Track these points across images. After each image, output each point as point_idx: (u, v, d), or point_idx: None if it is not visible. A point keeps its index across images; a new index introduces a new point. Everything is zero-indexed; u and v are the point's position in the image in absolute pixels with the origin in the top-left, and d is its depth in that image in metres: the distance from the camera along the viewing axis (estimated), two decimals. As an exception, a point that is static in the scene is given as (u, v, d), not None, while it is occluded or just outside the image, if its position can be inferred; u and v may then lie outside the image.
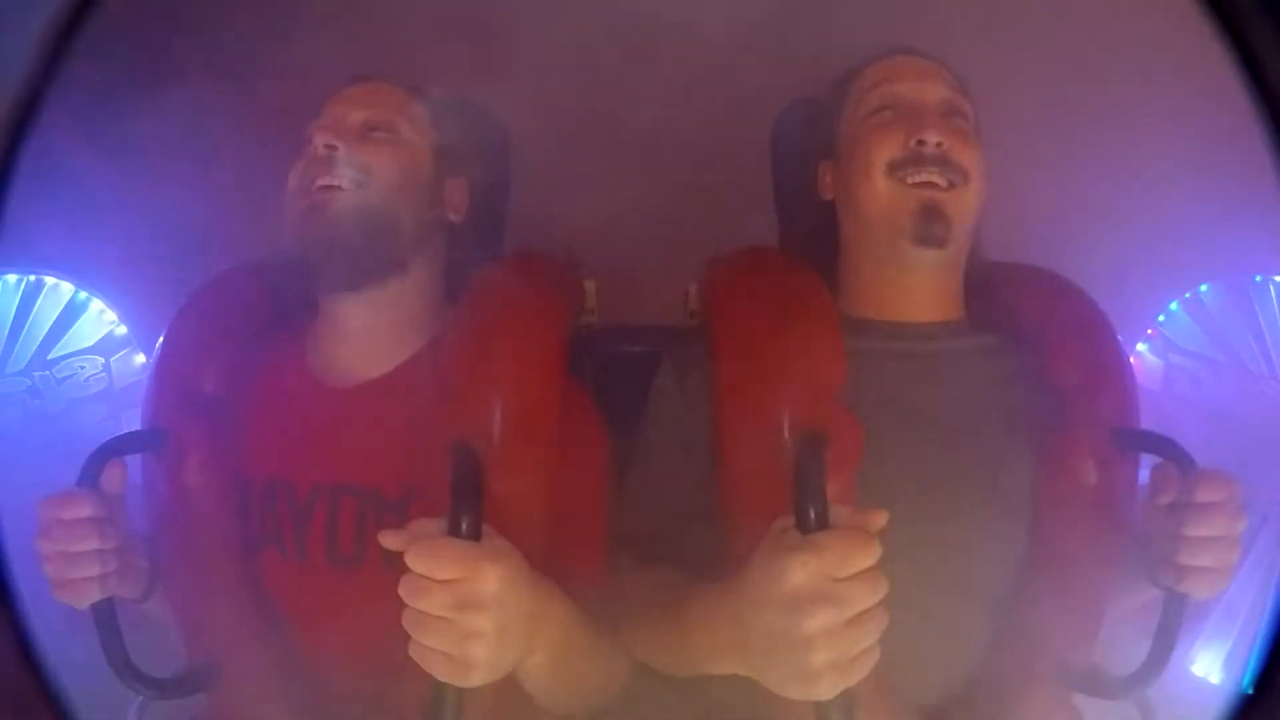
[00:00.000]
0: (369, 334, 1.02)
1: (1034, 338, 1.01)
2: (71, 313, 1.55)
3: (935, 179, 0.96)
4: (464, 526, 0.74)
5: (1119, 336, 1.02)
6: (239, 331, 1.04)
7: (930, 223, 0.96)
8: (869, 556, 0.69)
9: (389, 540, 0.76)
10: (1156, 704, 0.99)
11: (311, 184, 0.98)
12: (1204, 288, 1.56)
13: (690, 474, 0.96)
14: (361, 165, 0.98)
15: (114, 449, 0.92)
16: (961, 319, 1.05)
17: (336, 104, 1.02)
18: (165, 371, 1.02)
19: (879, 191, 0.98)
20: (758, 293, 0.99)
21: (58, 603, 0.87)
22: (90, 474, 0.88)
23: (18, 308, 1.53)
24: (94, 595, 0.87)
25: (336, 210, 0.96)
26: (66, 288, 1.55)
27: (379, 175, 0.98)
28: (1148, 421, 0.99)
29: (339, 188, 0.97)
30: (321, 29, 1.28)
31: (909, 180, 0.97)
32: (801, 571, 0.68)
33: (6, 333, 1.52)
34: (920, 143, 0.97)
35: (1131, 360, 1.14)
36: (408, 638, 0.73)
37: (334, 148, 0.97)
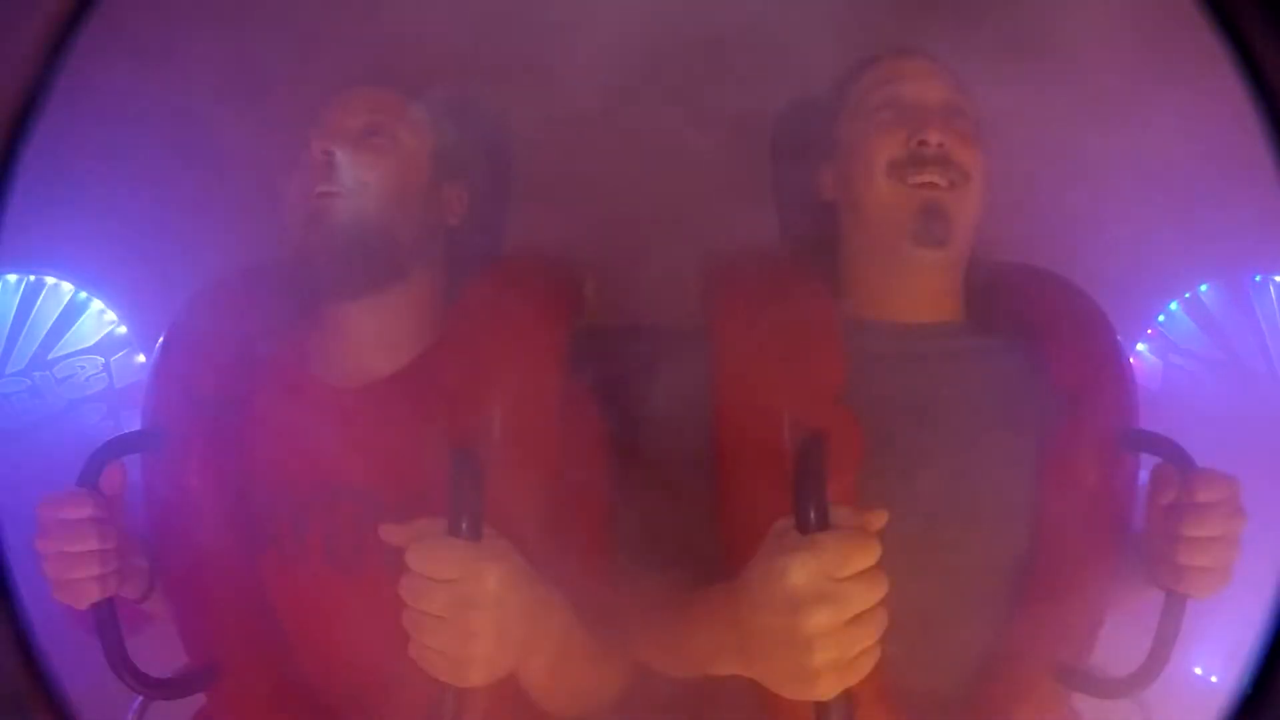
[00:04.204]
0: (370, 337, 1.02)
1: (1034, 338, 1.01)
2: (71, 313, 1.55)
3: (936, 179, 0.96)
4: (464, 527, 0.74)
5: (1119, 336, 1.02)
6: (239, 332, 1.04)
7: (931, 223, 0.96)
8: (869, 556, 0.69)
9: (390, 534, 0.76)
10: (1156, 704, 0.99)
11: (310, 191, 0.98)
12: (1204, 288, 1.56)
13: (691, 474, 0.96)
14: (360, 171, 0.98)
15: (114, 449, 0.92)
16: (962, 319, 1.05)
17: (335, 109, 1.02)
18: (165, 371, 1.02)
19: (880, 191, 0.98)
20: (758, 293, 0.99)
21: (58, 603, 0.87)
22: (90, 474, 0.88)
23: (18, 308, 1.53)
24: (94, 595, 0.87)
25: (336, 217, 0.97)
26: (66, 288, 1.55)
27: (377, 181, 0.98)
28: (1148, 421, 0.99)
29: (338, 195, 0.97)
30: (321, 30, 1.28)
31: (910, 180, 0.97)
32: (802, 571, 0.68)
33: (6, 333, 1.52)
34: (922, 143, 0.97)
35: (1131, 360, 1.14)
36: (407, 638, 0.73)
37: (332, 154, 0.97)
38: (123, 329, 1.56)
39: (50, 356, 1.54)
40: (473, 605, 0.72)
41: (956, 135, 0.98)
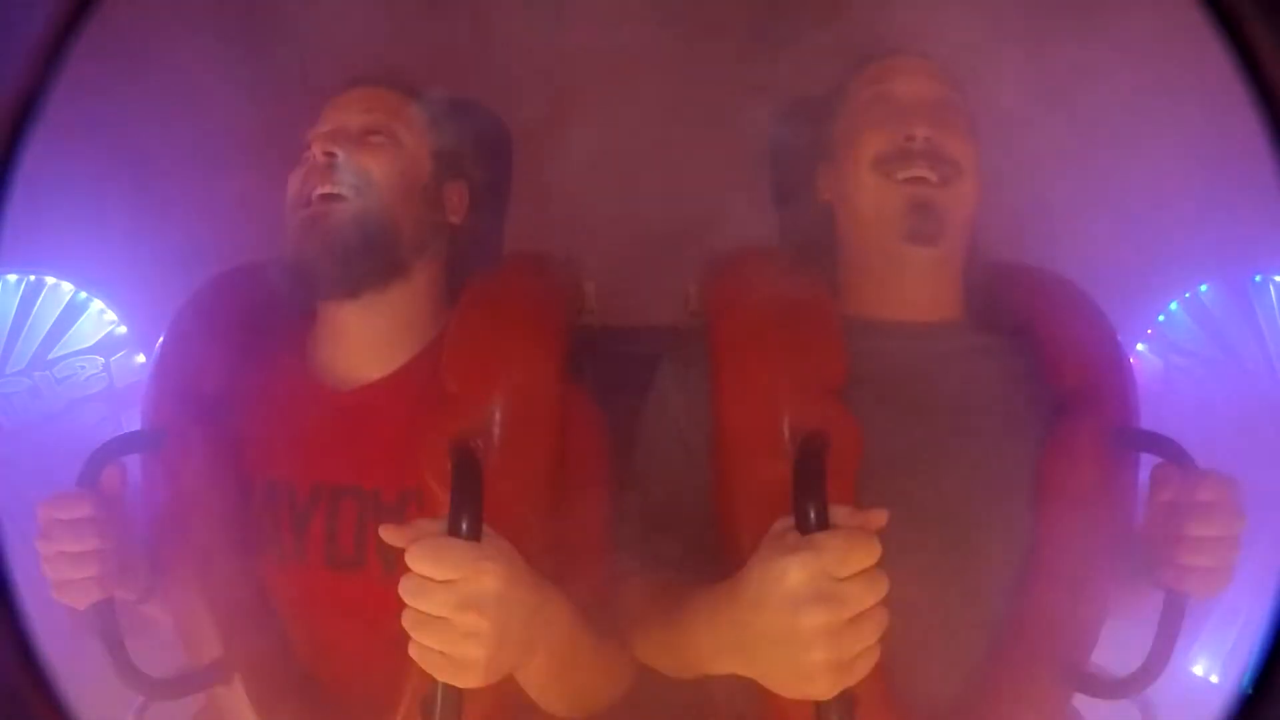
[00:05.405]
0: (369, 337, 1.02)
1: (1034, 338, 1.01)
2: (71, 313, 1.55)
3: (925, 173, 0.96)
4: (464, 527, 0.74)
5: (1119, 336, 1.02)
6: (239, 332, 1.04)
7: (920, 219, 0.95)
8: (869, 556, 0.69)
9: (390, 534, 0.76)
10: (1156, 704, 0.99)
11: (311, 192, 0.98)
12: (1204, 288, 1.56)
13: (690, 474, 0.96)
14: (361, 172, 0.98)
15: (114, 449, 0.92)
16: (961, 319, 1.05)
17: (335, 109, 1.02)
18: (165, 371, 1.02)
19: (867, 187, 0.98)
20: (758, 293, 0.99)
21: (58, 603, 0.87)
22: (90, 474, 0.88)
23: (18, 308, 1.53)
24: (94, 595, 0.87)
25: (337, 219, 0.97)
26: (66, 288, 1.55)
27: (378, 181, 0.98)
28: (1148, 421, 0.99)
29: (339, 196, 0.97)
30: (322, 32, 1.28)
31: (897, 175, 0.96)
32: (801, 571, 0.68)
33: (6, 333, 1.52)
34: (909, 137, 0.96)
35: (1131, 360, 1.14)
36: (407, 638, 0.73)
37: (333, 155, 0.97)
38: (123, 329, 1.56)
39: (50, 356, 1.54)
40: (473, 605, 0.71)
41: (947, 129, 0.97)
